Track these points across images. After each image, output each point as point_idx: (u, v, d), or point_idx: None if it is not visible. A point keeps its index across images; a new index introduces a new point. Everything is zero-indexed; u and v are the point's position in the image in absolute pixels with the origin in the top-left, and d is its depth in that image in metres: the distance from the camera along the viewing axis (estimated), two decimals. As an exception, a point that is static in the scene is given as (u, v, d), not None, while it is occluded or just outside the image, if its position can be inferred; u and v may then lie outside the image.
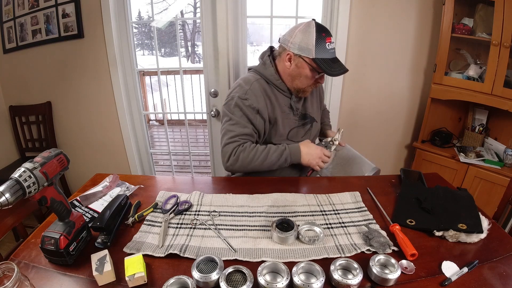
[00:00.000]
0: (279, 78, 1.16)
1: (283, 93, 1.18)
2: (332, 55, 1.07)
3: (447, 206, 0.88)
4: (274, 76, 1.16)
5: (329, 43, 1.05)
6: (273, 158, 1.10)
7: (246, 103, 1.10)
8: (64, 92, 2.14)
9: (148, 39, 7.25)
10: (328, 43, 1.05)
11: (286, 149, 1.12)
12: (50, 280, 0.66)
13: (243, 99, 1.11)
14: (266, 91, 1.15)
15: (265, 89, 1.15)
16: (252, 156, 1.09)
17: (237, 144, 1.10)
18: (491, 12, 1.56)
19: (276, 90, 1.17)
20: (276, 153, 1.11)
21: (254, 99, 1.11)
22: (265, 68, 1.18)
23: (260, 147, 1.11)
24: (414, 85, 2.05)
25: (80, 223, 0.74)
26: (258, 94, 1.12)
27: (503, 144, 1.76)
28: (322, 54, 1.05)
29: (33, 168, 0.61)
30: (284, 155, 1.11)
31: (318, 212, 0.91)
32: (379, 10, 1.85)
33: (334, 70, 1.06)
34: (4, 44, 2.07)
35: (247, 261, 0.71)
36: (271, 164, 1.11)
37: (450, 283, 0.64)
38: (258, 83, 1.15)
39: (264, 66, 1.18)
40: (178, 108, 4.09)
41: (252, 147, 1.11)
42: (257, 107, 1.11)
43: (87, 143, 2.31)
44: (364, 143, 2.22)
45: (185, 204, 0.93)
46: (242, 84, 1.15)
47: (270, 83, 1.17)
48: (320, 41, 1.04)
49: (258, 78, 1.17)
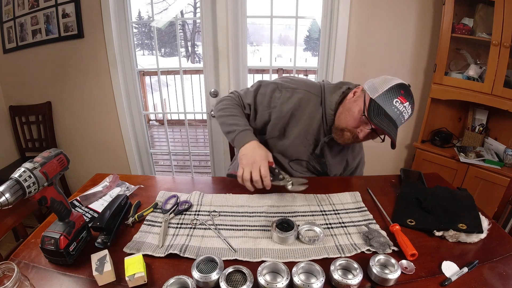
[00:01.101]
0: (334, 111, 1.01)
1: (324, 126, 1.04)
2: (392, 113, 0.87)
3: (447, 206, 0.88)
4: (332, 105, 1.01)
5: (398, 100, 0.87)
6: (227, 121, 1.04)
7: (276, 95, 1.04)
8: (64, 92, 2.14)
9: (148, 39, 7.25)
10: (397, 100, 0.87)
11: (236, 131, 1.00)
12: (50, 280, 0.66)
13: (278, 89, 1.05)
14: (306, 108, 1.04)
15: (308, 105, 1.04)
16: (225, 107, 1.08)
17: (232, 96, 1.12)
18: (491, 12, 1.56)
19: (320, 116, 1.04)
20: (231, 123, 1.03)
21: (284, 99, 1.03)
22: (333, 92, 1.03)
23: (235, 107, 1.08)
24: (414, 85, 2.05)
25: (80, 223, 0.74)
26: (294, 100, 1.03)
27: (503, 144, 1.76)
28: (383, 102, 0.88)
29: (33, 168, 0.61)
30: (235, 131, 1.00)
31: (318, 212, 0.91)
32: (379, 10, 1.85)
33: (377, 121, 0.87)
34: (4, 44, 2.07)
35: (247, 261, 0.71)
36: (223, 125, 1.06)
37: (450, 283, 0.64)
38: (306, 94, 1.04)
39: (334, 90, 1.04)
40: (178, 108, 4.09)
41: (231, 102, 1.09)
42: (275, 106, 1.04)
43: (87, 143, 2.31)
44: (364, 143, 2.21)
45: (185, 204, 0.93)
46: (295, 82, 1.07)
47: (322, 108, 1.03)
48: (392, 92, 0.88)
49: (313, 94, 1.05)
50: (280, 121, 1.06)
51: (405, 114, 0.89)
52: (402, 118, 0.89)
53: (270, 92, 1.06)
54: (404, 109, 0.88)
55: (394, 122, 0.88)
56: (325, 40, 1.96)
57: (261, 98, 1.07)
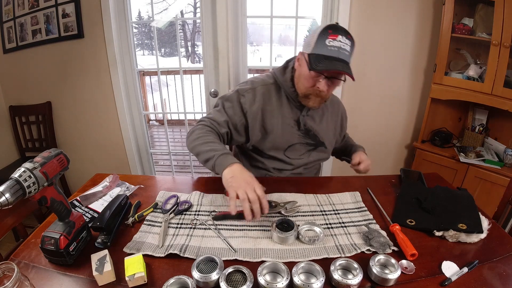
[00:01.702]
0: (292, 86, 1.07)
1: (295, 104, 1.09)
2: (330, 53, 0.91)
3: (447, 206, 0.88)
4: (287, 83, 1.07)
5: (331, 39, 0.91)
6: (202, 149, 0.96)
7: (242, 100, 1.07)
8: (64, 92, 2.14)
9: (148, 39, 7.26)
10: (330, 40, 0.91)
11: (215, 157, 0.92)
12: (50, 280, 0.66)
13: (241, 95, 1.08)
14: (271, 99, 1.09)
15: (271, 96, 1.09)
16: (197, 136, 1.01)
17: (202, 123, 1.06)
18: (491, 12, 1.56)
19: (285, 99, 1.09)
20: (208, 149, 0.95)
21: (249, 101, 1.07)
22: (284, 73, 1.09)
23: (209, 135, 1.02)
24: (414, 85, 2.05)
25: (80, 223, 0.74)
26: (257, 98, 1.07)
27: (503, 144, 1.76)
28: (319, 50, 0.92)
29: (33, 168, 0.61)
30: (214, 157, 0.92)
31: (318, 212, 0.91)
32: (379, 10, 1.85)
33: (322, 66, 0.90)
34: (4, 44, 2.07)
35: (247, 261, 0.71)
36: (199, 155, 0.97)
37: (450, 283, 0.64)
38: (264, 88, 1.09)
39: (284, 70, 1.10)
40: (178, 108, 4.09)
41: (206, 131, 1.03)
42: (247, 109, 1.07)
43: (87, 143, 2.31)
44: (364, 143, 2.20)
45: (185, 204, 0.93)
46: (249, 82, 1.12)
47: (283, 90, 1.09)
48: (322, 37, 0.92)
49: (269, 83, 1.11)
50: (256, 121, 1.08)
51: (345, 46, 0.92)
52: (345, 51, 0.92)
53: (236, 101, 1.08)
54: (339, 43, 0.91)
55: (339, 58, 0.91)
56: (325, 40, 1.96)
57: (231, 111, 1.08)
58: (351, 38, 0.95)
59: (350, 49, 0.94)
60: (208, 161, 0.94)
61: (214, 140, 1.00)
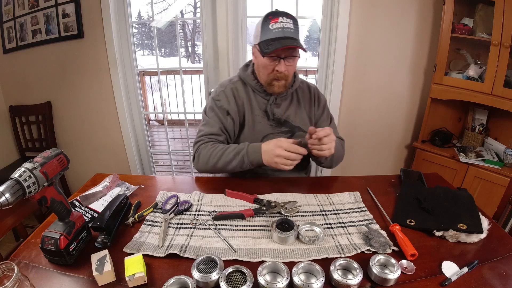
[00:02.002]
0: (255, 79, 1.13)
1: (260, 95, 1.14)
2: (276, 34, 0.97)
3: (447, 206, 0.88)
4: (250, 77, 1.13)
5: (273, 23, 0.98)
6: (229, 156, 1.03)
7: (218, 104, 1.12)
8: (64, 92, 2.14)
9: (148, 39, 7.26)
10: (272, 24, 0.98)
11: (244, 148, 1.02)
12: (50, 280, 0.66)
13: (216, 100, 1.13)
14: (240, 94, 1.14)
15: (239, 91, 1.14)
16: (210, 153, 1.05)
17: (201, 143, 1.10)
18: (491, 12, 1.56)
19: (252, 92, 1.15)
20: (233, 152, 1.03)
21: (225, 101, 1.12)
22: (246, 69, 1.16)
23: (219, 145, 1.07)
24: (414, 85, 2.05)
25: (80, 223, 0.74)
26: (229, 96, 1.13)
27: (503, 144, 1.76)
28: (265, 36, 0.99)
29: (33, 168, 0.61)
30: (241, 154, 1.02)
31: (318, 212, 0.91)
32: (379, 10, 1.85)
33: (272, 48, 0.96)
34: (4, 44, 2.07)
35: (247, 261, 0.71)
36: (227, 163, 1.03)
37: (450, 283, 0.64)
38: (232, 85, 1.15)
39: (246, 67, 1.17)
40: (178, 108, 4.09)
41: (211, 145, 1.07)
42: (227, 108, 1.12)
43: (87, 143, 2.31)
44: (364, 143, 2.22)
45: (185, 204, 0.93)
46: (218, 86, 1.17)
47: (248, 85, 1.15)
48: (265, 24, 1.00)
49: (235, 81, 1.17)
50: (237, 117, 1.14)
51: (288, 24, 0.98)
52: (289, 29, 0.98)
53: (216, 107, 1.13)
54: (282, 23, 0.98)
55: (285, 37, 0.97)
56: (325, 40, 1.96)
57: (217, 118, 1.12)
58: (291, 17, 1.01)
59: (294, 26, 1.00)
60: (240, 163, 1.02)
61: (225, 147, 1.06)
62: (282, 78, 1.06)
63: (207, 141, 1.10)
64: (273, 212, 0.90)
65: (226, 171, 1.09)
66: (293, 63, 1.05)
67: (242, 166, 1.03)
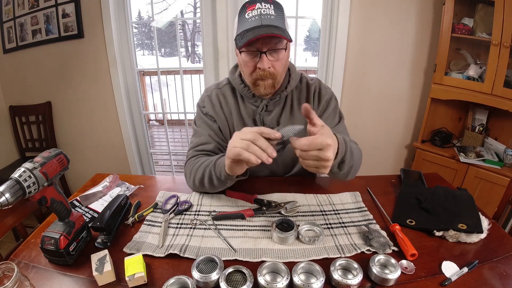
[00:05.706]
0: (242, 82, 1.00)
1: (249, 101, 1.01)
2: (252, 24, 0.81)
3: (447, 206, 0.88)
4: (237, 80, 1.00)
5: (250, 11, 0.82)
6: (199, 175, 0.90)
7: (204, 110, 1.04)
8: (64, 92, 2.15)
9: (148, 39, 7.25)
10: (248, 12, 0.83)
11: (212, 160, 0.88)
12: (50, 280, 0.66)
13: (201, 107, 1.05)
14: (228, 100, 1.03)
15: (226, 97, 1.03)
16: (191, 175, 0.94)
17: (188, 158, 1.01)
18: (491, 12, 1.56)
19: (241, 99, 1.03)
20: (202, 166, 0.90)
21: (209, 107, 1.03)
22: (233, 72, 1.03)
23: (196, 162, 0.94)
24: (414, 85, 2.05)
25: (80, 223, 0.74)
26: (215, 103, 1.03)
27: (503, 144, 1.76)
28: (241, 28, 0.84)
29: (33, 168, 0.61)
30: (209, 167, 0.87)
31: (318, 212, 0.91)
32: (379, 10, 1.86)
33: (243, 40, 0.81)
34: (4, 44, 2.07)
35: (247, 261, 0.70)
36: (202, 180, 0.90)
37: (450, 283, 0.64)
38: (218, 91, 1.05)
39: (233, 70, 1.04)
40: (178, 108, 4.09)
41: (191, 164, 0.95)
42: (213, 115, 1.03)
43: (87, 143, 2.31)
44: (364, 143, 2.21)
45: (185, 204, 0.93)
46: (204, 91, 1.09)
47: (236, 90, 1.03)
48: (241, 14, 0.85)
49: (223, 85, 1.06)
50: (224, 124, 1.04)
51: (266, 10, 0.82)
52: (269, 15, 0.82)
53: (202, 113, 1.05)
54: (259, 10, 0.82)
55: (263, 25, 0.81)
56: (325, 40, 1.96)
57: (205, 124, 1.04)
58: (272, 2, 0.84)
59: (275, 12, 0.83)
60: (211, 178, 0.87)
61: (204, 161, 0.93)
62: (267, 77, 0.89)
63: (191, 156, 1.01)
64: (273, 212, 0.90)
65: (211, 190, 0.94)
66: (279, 57, 0.87)
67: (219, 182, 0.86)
